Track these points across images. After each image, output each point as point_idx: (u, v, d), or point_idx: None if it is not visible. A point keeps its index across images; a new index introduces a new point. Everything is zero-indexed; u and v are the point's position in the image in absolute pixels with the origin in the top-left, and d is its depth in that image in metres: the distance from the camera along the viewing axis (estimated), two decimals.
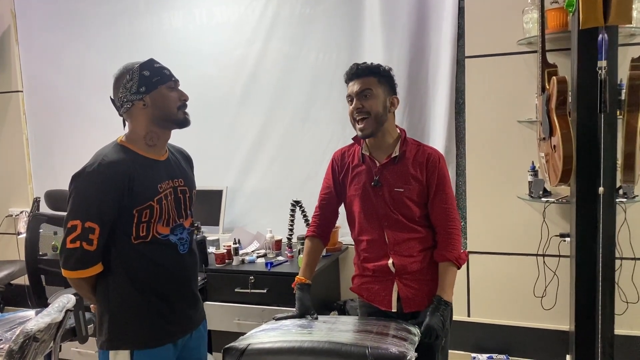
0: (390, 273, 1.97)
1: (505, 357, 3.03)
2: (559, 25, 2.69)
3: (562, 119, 2.26)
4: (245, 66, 3.48)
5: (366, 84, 1.94)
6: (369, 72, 1.95)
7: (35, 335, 1.78)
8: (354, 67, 1.98)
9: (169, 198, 1.75)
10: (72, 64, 3.90)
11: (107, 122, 3.82)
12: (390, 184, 1.96)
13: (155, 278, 1.73)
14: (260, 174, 3.53)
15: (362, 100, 1.93)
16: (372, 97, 1.93)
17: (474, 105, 3.05)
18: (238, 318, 2.91)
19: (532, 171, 2.90)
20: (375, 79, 1.95)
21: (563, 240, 2.78)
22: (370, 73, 1.95)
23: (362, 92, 1.94)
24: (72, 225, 1.63)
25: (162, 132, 1.76)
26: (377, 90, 1.94)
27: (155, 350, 1.72)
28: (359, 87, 1.94)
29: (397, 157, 1.97)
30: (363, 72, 1.95)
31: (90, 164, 1.66)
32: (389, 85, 1.98)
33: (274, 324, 1.90)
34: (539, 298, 2.92)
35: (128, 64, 1.75)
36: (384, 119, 1.95)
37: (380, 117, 1.94)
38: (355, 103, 1.94)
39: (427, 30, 3.11)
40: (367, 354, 1.53)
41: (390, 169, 1.97)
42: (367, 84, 1.94)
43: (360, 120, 1.94)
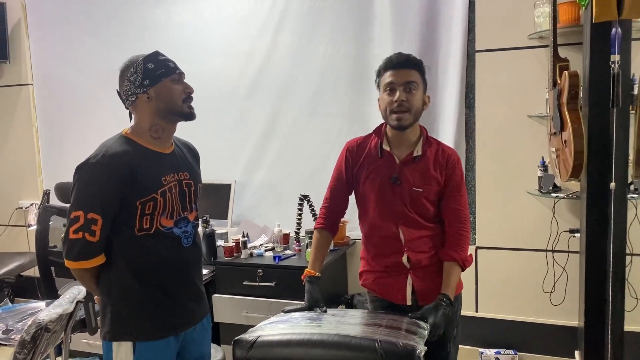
0: (404, 267, 1.95)
1: (513, 352, 3.02)
2: (570, 19, 2.66)
3: (573, 114, 2.25)
4: (253, 60, 3.47)
5: (412, 76, 1.87)
6: (414, 64, 1.89)
7: (47, 325, 1.80)
8: (401, 56, 1.89)
9: (174, 191, 1.74)
10: (81, 57, 3.91)
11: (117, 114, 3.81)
12: (410, 183, 1.91)
13: (157, 270, 1.73)
14: (267, 167, 3.53)
15: (407, 93, 1.85)
16: (416, 90, 1.87)
17: (484, 100, 3.03)
18: (246, 311, 2.92)
19: (542, 166, 2.88)
20: (419, 74, 1.89)
21: (573, 236, 2.77)
22: (415, 66, 1.89)
23: (409, 84, 1.86)
24: (75, 216, 1.63)
25: (167, 125, 1.76)
26: (419, 84, 1.89)
27: (158, 342, 1.72)
28: (405, 79, 1.86)
29: (419, 156, 1.92)
30: (409, 63, 1.88)
31: (93, 156, 1.67)
32: (425, 82, 1.93)
33: (283, 316, 1.90)
34: (547, 294, 2.91)
35: (133, 57, 1.75)
36: (419, 117, 1.91)
37: (418, 114, 1.89)
38: (400, 94, 1.85)
39: (437, 24, 3.09)
40: (377, 347, 1.53)
41: (410, 167, 1.92)
42: (413, 76, 1.87)
43: (400, 112, 1.86)
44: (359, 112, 3.29)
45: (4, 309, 2.84)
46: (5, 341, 2.50)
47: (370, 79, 3.23)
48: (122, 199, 1.65)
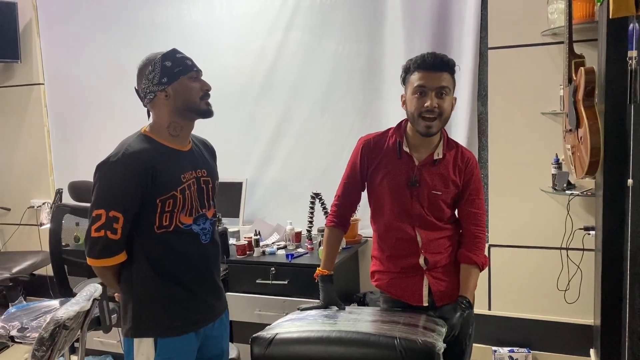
0: (420, 268, 1.93)
1: (526, 350, 3.01)
2: (584, 15, 2.64)
3: (589, 111, 2.23)
4: (265, 57, 3.47)
5: (445, 80, 1.80)
6: (448, 67, 1.81)
7: (65, 323, 1.80)
8: (436, 58, 1.80)
9: (192, 188, 1.75)
10: (92, 56, 3.92)
11: (128, 113, 3.88)
12: (429, 186, 1.89)
13: (177, 267, 1.74)
14: (279, 165, 3.53)
15: (439, 98, 1.79)
16: (448, 96, 1.81)
17: (496, 97, 3.02)
18: (259, 309, 2.92)
19: (556, 164, 2.87)
20: (451, 77, 1.83)
21: (587, 234, 2.75)
22: (447, 68, 1.81)
23: (442, 89, 1.79)
24: (96, 214, 1.64)
25: (185, 123, 1.77)
26: (451, 89, 1.83)
27: (179, 338, 1.73)
28: (438, 83, 1.79)
29: (439, 160, 1.90)
30: (444, 66, 1.80)
31: (114, 154, 1.67)
32: (455, 83, 1.88)
33: (299, 314, 1.90)
34: (561, 292, 2.89)
35: (151, 55, 1.75)
36: (447, 122, 1.87)
37: (447, 119, 1.85)
38: (432, 100, 1.78)
39: (450, 21, 3.08)
40: (396, 344, 1.53)
41: (429, 170, 1.90)
42: (446, 80, 1.80)
43: (430, 120, 1.80)
44: (370, 109, 3.29)
45: (18, 307, 2.86)
46: (21, 339, 2.52)
47: (382, 76, 3.25)
48: (142, 197, 1.65)
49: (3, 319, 2.67)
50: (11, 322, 2.62)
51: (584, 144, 2.26)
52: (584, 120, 2.22)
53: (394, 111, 3.21)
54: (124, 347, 1.74)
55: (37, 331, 2.49)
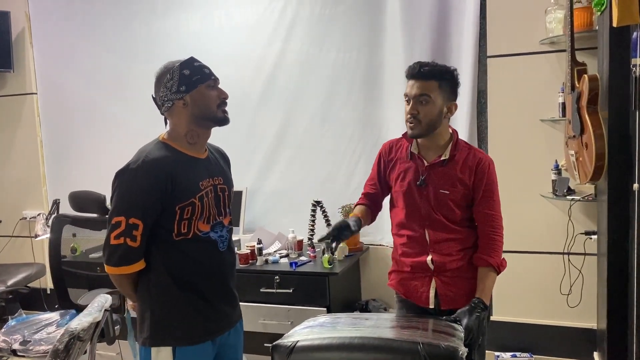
0: (428, 270, 1.98)
1: (529, 355, 3.03)
2: (582, 24, 2.70)
3: (593, 117, 2.28)
4: (264, 67, 3.48)
5: (425, 88, 1.88)
6: (430, 75, 1.88)
7: (79, 334, 1.77)
8: (416, 67, 1.90)
9: (210, 196, 1.75)
10: (87, 66, 3.89)
11: (123, 124, 3.86)
12: (436, 185, 1.95)
13: (196, 275, 1.73)
14: (279, 174, 3.53)
15: (418, 106, 1.89)
16: (428, 103, 1.88)
17: (496, 105, 3.06)
18: (263, 318, 2.91)
19: (556, 170, 2.91)
20: (437, 84, 1.89)
21: (589, 238, 2.79)
22: (432, 77, 1.88)
23: (420, 97, 1.88)
24: (116, 221, 1.63)
25: (202, 131, 1.77)
26: (435, 96, 1.89)
27: (197, 347, 1.72)
28: (417, 91, 1.89)
29: (447, 160, 1.95)
30: (425, 75, 1.88)
31: (134, 161, 1.67)
32: (450, 90, 1.93)
33: (314, 321, 1.88)
34: (564, 296, 2.92)
35: (169, 63, 1.76)
36: (437, 125, 1.92)
37: (433, 124, 1.91)
38: (411, 107, 1.90)
39: (449, 29, 3.12)
40: (420, 349, 1.53)
41: (437, 170, 1.96)
42: (426, 88, 1.88)
43: (411, 124, 1.91)
44: (370, 118, 3.31)
45: (17, 320, 2.80)
46: (24, 352, 2.47)
47: (381, 85, 3.28)
48: (162, 204, 1.64)
49: (3, 333, 2.62)
50: (12, 336, 2.58)
51: (588, 150, 2.30)
52: (588, 126, 2.27)
53: (393, 120, 3.24)
54: (141, 357, 1.72)
55: (40, 344, 2.46)
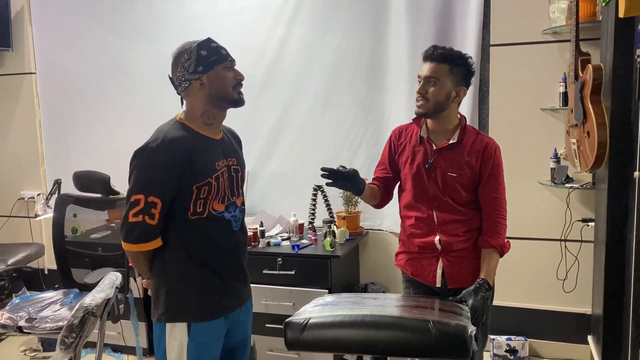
0: (435, 250, 2.03)
1: (523, 338, 3.11)
2: (586, 15, 2.74)
3: (596, 106, 2.33)
4: (267, 51, 3.48)
5: (435, 71, 1.96)
6: (442, 58, 1.96)
7: (93, 310, 1.80)
8: (430, 50, 1.99)
9: (225, 176, 1.78)
10: (88, 46, 3.86)
11: (123, 105, 3.86)
12: (444, 168, 2.01)
13: (210, 253, 1.76)
14: (280, 158, 3.55)
15: (426, 86, 1.97)
16: (437, 85, 1.96)
17: (497, 94, 3.10)
18: (266, 299, 2.94)
19: (555, 158, 2.97)
20: (448, 67, 1.96)
21: (586, 225, 2.86)
22: (444, 60, 1.96)
23: (429, 78, 1.97)
24: (135, 199, 1.65)
25: (218, 112, 1.79)
26: (444, 79, 1.96)
27: (211, 323, 1.76)
28: (428, 72, 1.97)
29: (454, 144, 2.01)
30: (437, 57, 1.97)
31: (153, 140, 1.68)
32: (461, 75, 1.99)
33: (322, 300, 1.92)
34: (560, 282, 3.00)
35: (186, 43, 1.77)
36: (444, 107, 1.99)
37: (440, 105, 1.98)
38: (421, 86, 1.98)
39: (453, 18, 3.15)
40: (430, 328, 1.57)
41: (445, 154, 2.02)
42: (436, 71, 1.96)
43: (419, 103, 1.99)
44: (373, 104, 3.34)
45: (21, 298, 2.82)
46: (30, 329, 2.49)
47: (385, 71, 3.30)
48: (180, 183, 1.67)
49: (8, 310, 2.64)
50: (17, 313, 2.59)
51: (590, 139, 2.35)
52: (591, 115, 2.32)
53: (396, 106, 3.27)
54: (156, 333, 1.75)
55: (46, 322, 2.48)
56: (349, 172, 1.98)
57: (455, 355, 1.59)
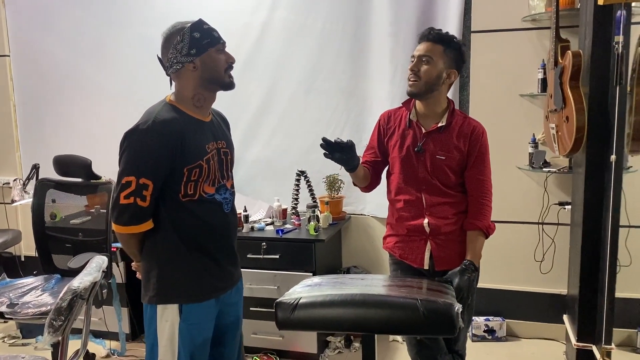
0: (424, 233, 2.07)
1: (500, 319, 3.20)
2: (565, 3, 2.80)
3: (575, 92, 2.38)
4: (249, 35, 3.46)
5: (430, 50, 2.00)
6: (438, 39, 2.01)
7: (81, 293, 1.79)
8: (427, 31, 2.04)
9: (215, 159, 1.78)
10: (64, 28, 3.78)
11: (102, 88, 3.80)
12: (432, 151, 2.04)
13: (202, 235, 1.77)
14: (263, 143, 3.55)
15: (419, 64, 2.00)
16: (429, 64, 1.99)
17: (478, 79, 3.16)
18: (250, 283, 2.96)
19: (533, 143, 3.04)
20: (442, 48, 2.00)
21: (563, 208, 2.94)
22: (439, 40, 2.01)
23: (423, 56, 2.00)
24: (126, 181, 1.65)
25: (209, 95, 1.80)
26: (437, 59, 1.99)
27: (202, 304, 1.77)
28: (422, 52, 2.01)
29: (443, 127, 2.05)
30: (433, 37, 2.01)
31: (143, 122, 1.67)
32: (453, 58, 2.03)
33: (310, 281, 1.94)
34: (537, 263, 3.09)
35: (177, 24, 1.75)
36: (435, 88, 2.02)
37: (431, 84, 2.01)
38: (414, 64, 2.02)
39: (435, 4, 3.18)
40: (419, 305, 1.61)
41: (434, 137, 2.05)
42: (430, 50, 2.00)
43: (411, 81, 2.02)
44: (356, 89, 3.35)
45: (1, 284, 2.78)
46: (12, 315, 2.46)
47: (367, 56, 3.32)
48: (171, 165, 1.66)
49: None
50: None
51: (568, 123, 2.41)
52: (570, 100, 2.38)
53: (379, 91, 3.30)
54: (146, 315, 1.75)
55: (28, 307, 2.46)
56: (347, 144, 1.99)
57: (442, 331, 1.64)
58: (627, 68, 2.25)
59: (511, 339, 3.21)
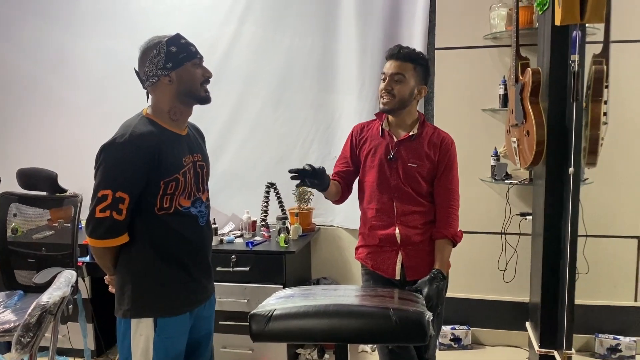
0: (395, 243, 2.12)
1: (466, 327, 3.27)
2: (524, 22, 2.92)
3: (535, 107, 2.49)
4: (217, 48, 3.48)
5: (401, 68, 2.07)
6: (408, 57, 2.08)
7: (50, 308, 1.76)
8: (396, 48, 2.09)
9: (191, 172, 1.80)
10: (28, 39, 3.73)
11: (65, 100, 3.74)
12: (405, 159, 2.11)
13: (177, 248, 1.77)
14: (231, 155, 3.56)
15: (392, 83, 2.07)
16: (402, 82, 2.06)
17: (442, 94, 3.25)
18: (219, 297, 2.92)
19: (495, 156, 3.15)
20: (412, 66, 2.08)
21: (524, 219, 3.05)
22: (409, 59, 2.08)
23: (395, 75, 2.07)
24: (102, 194, 1.64)
25: (185, 108, 1.81)
26: (409, 76, 2.07)
27: (177, 318, 1.77)
28: (394, 70, 2.07)
29: (415, 136, 2.12)
30: (403, 56, 2.07)
31: (120, 135, 1.67)
32: (422, 74, 2.11)
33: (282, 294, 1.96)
34: (500, 272, 3.18)
35: (155, 38, 1.76)
36: (407, 104, 2.10)
37: (404, 101, 2.09)
38: (386, 83, 2.08)
39: (400, 22, 3.27)
40: (391, 314, 1.65)
41: (406, 145, 2.13)
42: (402, 68, 2.07)
43: (384, 99, 2.08)
44: (324, 102, 3.41)
45: None
46: None
47: (335, 71, 3.38)
48: (147, 178, 1.66)
49: None
50: None
51: (529, 137, 2.52)
52: (530, 115, 2.48)
53: (347, 105, 3.36)
54: (120, 329, 1.74)
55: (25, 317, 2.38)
56: (318, 170, 2.01)
57: (414, 339, 1.68)
58: (583, 85, 2.38)
59: (477, 347, 3.29)
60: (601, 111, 2.35)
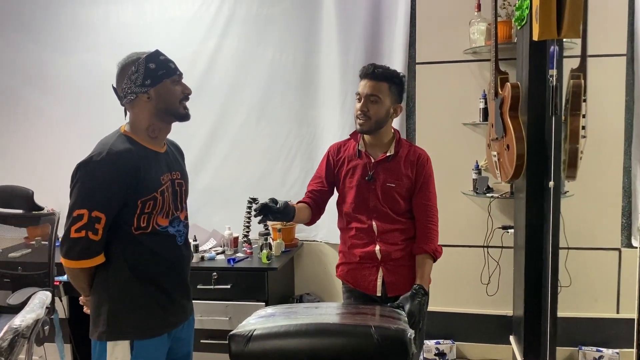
0: (376, 260, 2.11)
1: (450, 341, 3.26)
2: (503, 37, 2.96)
3: (514, 121, 2.51)
4: (198, 63, 3.46)
5: (376, 89, 2.04)
6: (382, 77, 2.05)
7: (23, 332, 1.71)
8: (370, 68, 2.06)
9: (169, 190, 1.76)
10: (5, 53, 3.67)
11: (44, 116, 3.69)
12: (383, 180, 2.10)
13: (155, 268, 1.73)
14: (213, 171, 3.52)
15: (368, 104, 2.04)
16: (378, 103, 2.04)
17: (423, 109, 3.27)
18: (200, 315, 2.90)
19: (476, 169, 3.16)
20: (387, 85, 2.05)
21: (506, 232, 3.06)
22: (384, 78, 2.05)
23: (371, 96, 2.04)
24: (78, 214, 1.60)
25: (164, 126, 1.78)
26: (385, 97, 2.05)
27: (154, 340, 1.72)
28: (369, 90, 2.04)
29: (391, 156, 2.11)
30: (377, 76, 2.05)
31: (97, 153, 1.64)
32: (397, 93, 2.10)
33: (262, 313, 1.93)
34: (483, 286, 3.18)
35: (133, 54, 1.74)
36: (384, 124, 2.09)
37: (380, 122, 2.07)
38: (362, 104, 2.05)
39: (381, 36, 3.28)
40: (372, 332, 1.63)
41: (383, 166, 2.11)
42: (377, 89, 2.04)
43: (361, 118, 2.06)
44: (306, 117, 3.40)
45: None
46: None
47: (317, 85, 3.38)
48: (125, 197, 1.63)
49: None
50: None
51: (509, 151, 2.53)
52: (510, 129, 2.50)
53: (329, 119, 3.36)
54: (95, 352, 1.69)
55: None
56: (279, 208, 1.96)
57: (396, 357, 1.65)
58: (561, 99, 2.40)
59: None
60: (580, 124, 2.38)
